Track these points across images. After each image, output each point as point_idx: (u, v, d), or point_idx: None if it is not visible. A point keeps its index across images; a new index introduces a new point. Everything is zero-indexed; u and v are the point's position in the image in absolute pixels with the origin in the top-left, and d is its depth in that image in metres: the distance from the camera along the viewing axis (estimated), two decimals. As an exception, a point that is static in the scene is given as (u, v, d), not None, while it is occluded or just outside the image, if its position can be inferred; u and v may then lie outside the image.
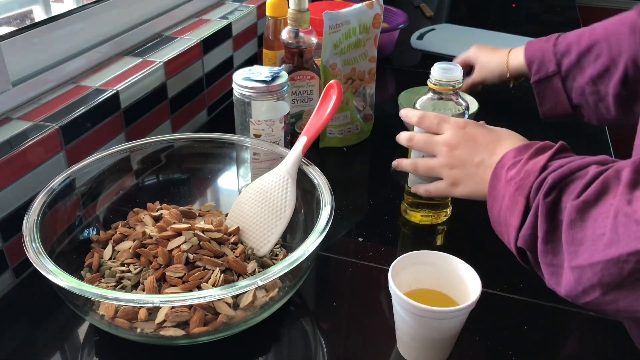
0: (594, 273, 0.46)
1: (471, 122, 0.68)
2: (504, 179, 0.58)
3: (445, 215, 0.79)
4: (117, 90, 0.81)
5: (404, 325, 0.57)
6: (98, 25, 0.90)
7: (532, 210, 0.53)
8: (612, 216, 0.46)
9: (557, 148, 0.57)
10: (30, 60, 0.78)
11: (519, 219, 0.54)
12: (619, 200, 0.46)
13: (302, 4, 0.86)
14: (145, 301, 0.53)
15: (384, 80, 1.24)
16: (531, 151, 0.57)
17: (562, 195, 0.51)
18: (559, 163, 0.54)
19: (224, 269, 0.62)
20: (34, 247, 0.56)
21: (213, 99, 1.08)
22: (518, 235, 0.54)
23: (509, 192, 0.56)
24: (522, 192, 0.54)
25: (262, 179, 0.71)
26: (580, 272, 0.47)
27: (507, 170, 0.58)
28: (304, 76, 0.90)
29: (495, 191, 0.59)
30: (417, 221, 0.79)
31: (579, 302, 0.50)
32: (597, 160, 0.53)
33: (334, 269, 0.72)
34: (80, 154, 0.75)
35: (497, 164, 0.60)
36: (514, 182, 0.56)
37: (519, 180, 0.55)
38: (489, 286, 0.67)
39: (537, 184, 0.53)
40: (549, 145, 0.58)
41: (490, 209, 0.60)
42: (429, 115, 0.70)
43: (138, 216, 0.70)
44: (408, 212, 0.80)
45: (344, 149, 0.97)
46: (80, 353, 0.60)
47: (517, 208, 0.54)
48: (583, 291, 0.48)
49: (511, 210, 0.55)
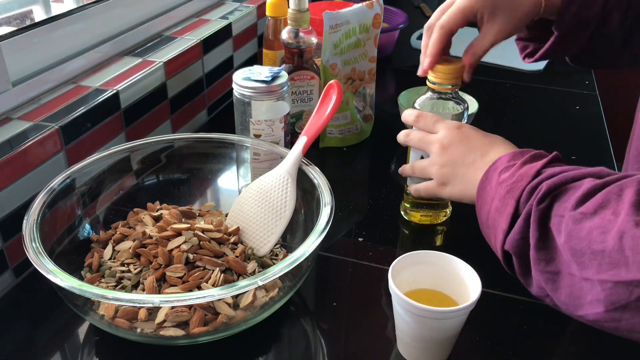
0: (603, 289, 0.46)
1: (467, 124, 0.68)
2: (495, 181, 0.57)
3: (444, 215, 0.79)
4: (117, 90, 0.81)
5: (404, 325, 0.57)
6: (98, 25, 0.90)
7: (523, 216, 0.52)
8: (617, 236, 0.45)
9: (552, 157, 0.57)
10: (30, 60, 0.78)
11: (507, 222, 0.54)
12: (625, 221, 0.45)
13: (302, 4, 0.86)
14: (145, 301, 0.53)
15: (384, 80, 1.24)
16: (526, 157, 0.57)
17: (554, 203, 0.51)
18: (553, 171, 0.54)
19: (224, 269, 0.62)
20: (34, 247, 0.56)
21: (213, 99, 1.08)
22: (505, 239, 0.54)
23: (500, 194, 0.56)
24: (513, 195, 0.54)
25: (262, 179, 0.71)
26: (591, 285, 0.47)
27: (499, 173, 0.57)
28: (304, 76, 0.90)
29: (485, 193, 0.58)
30: (417, 221, 0.79)
31: (575, 314, 0.49)
32: (593, 172, 0.52)
33: (334, 269, 0.72)
34: (80, 154, 0.75)
35: (490, 167, 0.59)
36: (506, 185, 0.55)
37: (512, 183, 0.55)
38: (489, 286, 0.67)
39: (530, 189, 0.53)
40: (543, 154, 0.58)
41: (478, 211, 0.60)
42: (425, 115, 0.70)
43: (138, 216, 0.70)
44: (408, 212, 0.80)
45: (344, 149, 0.97)
46: (80, 353, 0.60)
47: (507, 211, 0.54)
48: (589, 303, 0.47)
49: (500, 213, 0.55)
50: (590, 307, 0.47)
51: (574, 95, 1.17)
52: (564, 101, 1.15)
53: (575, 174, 0.52)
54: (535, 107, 1.14)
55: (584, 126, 1.07)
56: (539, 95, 1.17)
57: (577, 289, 0.48)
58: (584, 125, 1.07)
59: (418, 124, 0.70)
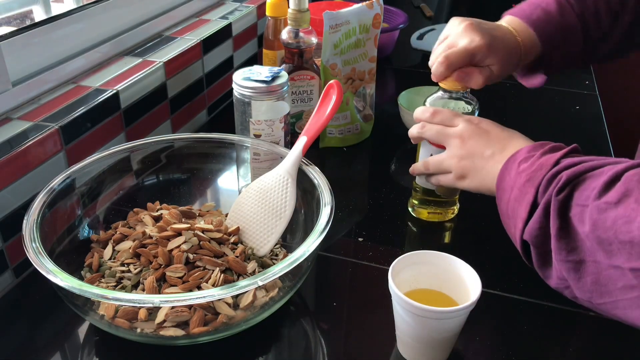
0: (635, 277, 0.46)
1: (486, 119, 0.69)
2: (515, 171, 0.58)
3: (452, 212, 0.79)
4: (117, 90, 0.81)
5: (404, 325, 0.57)
6: (98, 25, 0.90)
7: (542, 205, 0.53)
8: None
9: (571, 148, 0.58)
10: (30, 60, 0.78)
11: (526, 211, 0.54)
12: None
13: (302, 4, 0.86)
14: (145, 301, 0.53)
15: (384, 80, 1.24)
16: (545, 148, 0.58)
17: (574, 192, 0.51)
18: (573, 160, 0.54)
19: (224, 269, 0.62)
20: (34, 247, 0.56)
21: (213, 99, 1.08)
22: (524, 229, 0.55)
23: (519, 183, 0.56)
24: (532, 183, 0.55)
25: (262, 179, 0.71)
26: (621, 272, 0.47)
27: (519, 164, 0.58)
28: (304, 76, 0.90)
29: (504, 183, 0.59)
30: (425, 218, 0.79)
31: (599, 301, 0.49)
32: (611, 162, 0.52)
33: (334, 269, 0.72)
34: (80, 154, 0.75)
35: (510, 158, 0.60)
36: (525, 174, 0.56)
37: (531, 172, 0.56)
38: (489, 286, 0.67)
39: (549, 177, 0.54)
40: (562, 146, 0.59)
41: (498, 201, 0.60)
42: (442, 110, 0.70)
43: (138, 216, 0.70)
44: (415, 209, 0.80)
45: (344, 149, 0.97)
46: (80, 353, 0.60)
47: (526, 199, 0.55)
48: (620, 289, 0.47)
49: (519, 202, 0.56)
50: (622, 293, 0.47)
51: (574, 95, 1.17)
52: (564, 101, 1.15)
53: (595, 164, 0.53)
54: (535, 107, 1.14)
55: (584, 126, 1.07)
56: (539, 95, 1.17)
57: (604, 276, 0.48)
58: (584, 125, 1.07)
59: (435, 119, 0.70)
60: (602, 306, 0.50)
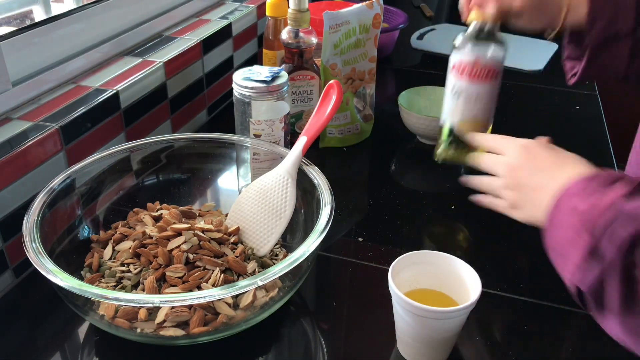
0: None
1: (535, 142, 0.63)
2: (567, 207, 0.52)
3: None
4: (117, 90, 0.81)
5: (404, 325, 0.57)
6: (98, 25, 0.90)
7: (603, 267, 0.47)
8: None
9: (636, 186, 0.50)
10: (30, 60, 0.78)
11: (580, 256, 0.49)
12: None
13: (302, 4, 0.86)
14: (145, 301, 0.53)
15: (384, 80, 1.24)
16: (601, 181, 0.52)
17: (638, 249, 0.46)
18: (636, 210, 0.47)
19: (224, 269, 0.62)
20: (34, 247, 0.56)
21: (213, 99, 1.08)
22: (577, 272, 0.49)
23: (571, 223, 0.51)
24: (587, 227, 0.49)
25: (262, 179, 0.71)
26: None
27: (570, 197, 0.53)
28: (304, 76, 0.90)
29: (555, 218, 0.53)
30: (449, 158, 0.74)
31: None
32: None
33: (334, 269, 0.72)
34: (80, 154, 0.75)
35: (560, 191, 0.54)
36: (579, 215, 0.50)
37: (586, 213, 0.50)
38: (489, 286, 0.67)
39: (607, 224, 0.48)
40: (620, 176, 0.52)
41: (547, 235, 0.55)
42: (494, 137, 0.67)
43: (138, 216, 0.70)
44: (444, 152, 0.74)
45: (344, 149, 0.97)
46: (80, 353, 0.60)
47: (581, 244, 0.49)
48: None
49: (573, 245, 0.50)
50: None
51: (574, 95, 1.17)
52: (564, 101, 1.15)
53: None
54: (535, 107, 1.14)
55: (584, 126, 1.07)
56: (539, 95, 1.17)
57: None
58: (584, 125, 1.07)
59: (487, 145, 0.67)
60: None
